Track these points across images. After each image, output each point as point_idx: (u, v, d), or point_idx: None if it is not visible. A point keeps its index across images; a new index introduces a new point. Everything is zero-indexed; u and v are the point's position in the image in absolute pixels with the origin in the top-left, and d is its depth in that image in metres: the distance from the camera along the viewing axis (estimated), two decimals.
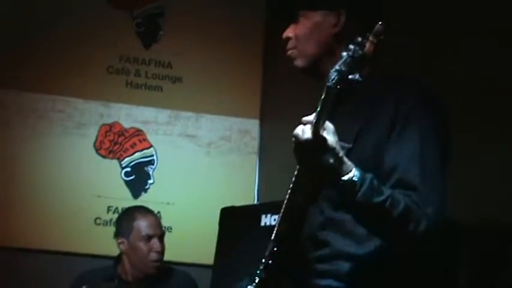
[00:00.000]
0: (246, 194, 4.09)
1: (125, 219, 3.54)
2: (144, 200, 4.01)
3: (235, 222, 3.44)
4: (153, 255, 3.44)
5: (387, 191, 1.73)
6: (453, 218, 2.90)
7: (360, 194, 1.70)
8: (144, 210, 3.57)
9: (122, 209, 3.97)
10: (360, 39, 1.69)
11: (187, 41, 4.24)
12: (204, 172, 4.12)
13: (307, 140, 1.66)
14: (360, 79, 1.68)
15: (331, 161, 1.69)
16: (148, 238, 3.45)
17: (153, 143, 4.15)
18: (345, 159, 1.71)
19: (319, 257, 1.89)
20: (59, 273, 3.82)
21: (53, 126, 4.04)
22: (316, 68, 2.01)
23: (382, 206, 1.71)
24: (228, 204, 3.55)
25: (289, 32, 2.05)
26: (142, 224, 3.47)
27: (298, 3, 2.04)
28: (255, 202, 4.07)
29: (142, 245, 3.44)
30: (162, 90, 4.21)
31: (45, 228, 3.93)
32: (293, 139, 1.70)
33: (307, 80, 2.06)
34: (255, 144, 4.20)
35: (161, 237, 3.50)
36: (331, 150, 1.68)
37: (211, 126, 4.18)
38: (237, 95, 4.23)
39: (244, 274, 2.00)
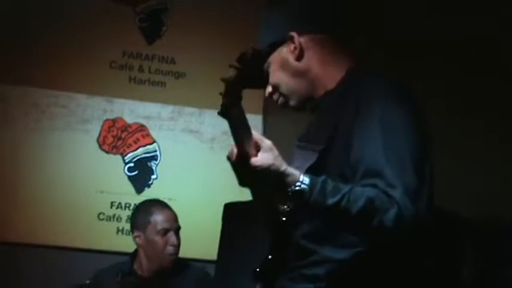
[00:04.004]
0: None
1: (142, 213, 3.56)
2: (147, 195, 4.01)
3: (238, 217, 3.43)
4: (170, 249, 3.46)
5: (345, 189, 1.70)
6: (457, 215, 2.91)
7: (311, 199, 1.69)
8: (160, 205, 3.58)
9: (126, 204, 3.97)
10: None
11: (190, 36, 4.23)
12: (207, 167, 4.11)
13: (234, 163, 1.74)
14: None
15: (273, 176, 1.72)
16: (165, 232, 3.47)
17: (156, 139, 4.15)
18: (289, 170, 1.72)
19: (305, 264, 1.88)
20: (62, 269, 3.83)
21: (56, 122, 4.04)
22: (310, 97, 2.00)
23: (338, 206, 1.69)
24: (232, 199, 3.55)
25: (268, 88, 2.05)
26: (159, 218, 3.49)
27: (265, 56, 2.02)
28: None
29: (158, 239, 3.45)
30: (165, 85, 4.20)
31: (48, 224, 3.93)
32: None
33: None
34: None
35: (177, 231, 3.51)
36: (268, 167, 1.72)
37: (215, 121, 4.16)
38: None
39: (247, 269, 2.00)
